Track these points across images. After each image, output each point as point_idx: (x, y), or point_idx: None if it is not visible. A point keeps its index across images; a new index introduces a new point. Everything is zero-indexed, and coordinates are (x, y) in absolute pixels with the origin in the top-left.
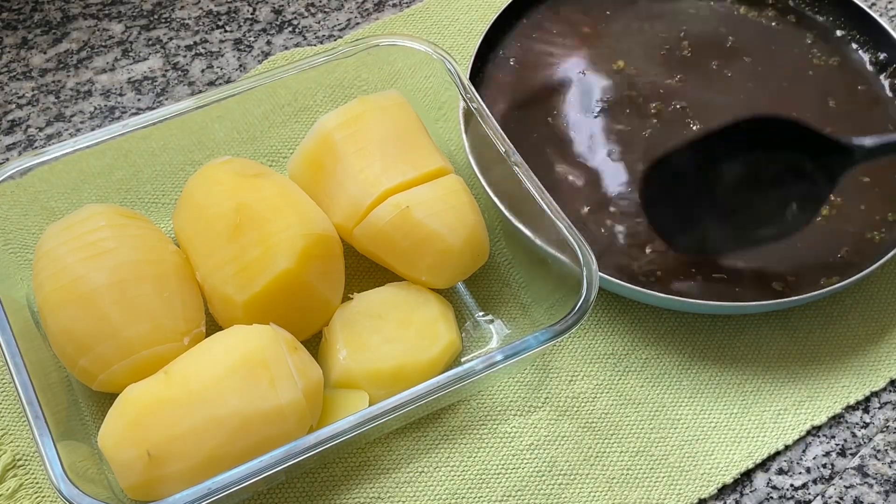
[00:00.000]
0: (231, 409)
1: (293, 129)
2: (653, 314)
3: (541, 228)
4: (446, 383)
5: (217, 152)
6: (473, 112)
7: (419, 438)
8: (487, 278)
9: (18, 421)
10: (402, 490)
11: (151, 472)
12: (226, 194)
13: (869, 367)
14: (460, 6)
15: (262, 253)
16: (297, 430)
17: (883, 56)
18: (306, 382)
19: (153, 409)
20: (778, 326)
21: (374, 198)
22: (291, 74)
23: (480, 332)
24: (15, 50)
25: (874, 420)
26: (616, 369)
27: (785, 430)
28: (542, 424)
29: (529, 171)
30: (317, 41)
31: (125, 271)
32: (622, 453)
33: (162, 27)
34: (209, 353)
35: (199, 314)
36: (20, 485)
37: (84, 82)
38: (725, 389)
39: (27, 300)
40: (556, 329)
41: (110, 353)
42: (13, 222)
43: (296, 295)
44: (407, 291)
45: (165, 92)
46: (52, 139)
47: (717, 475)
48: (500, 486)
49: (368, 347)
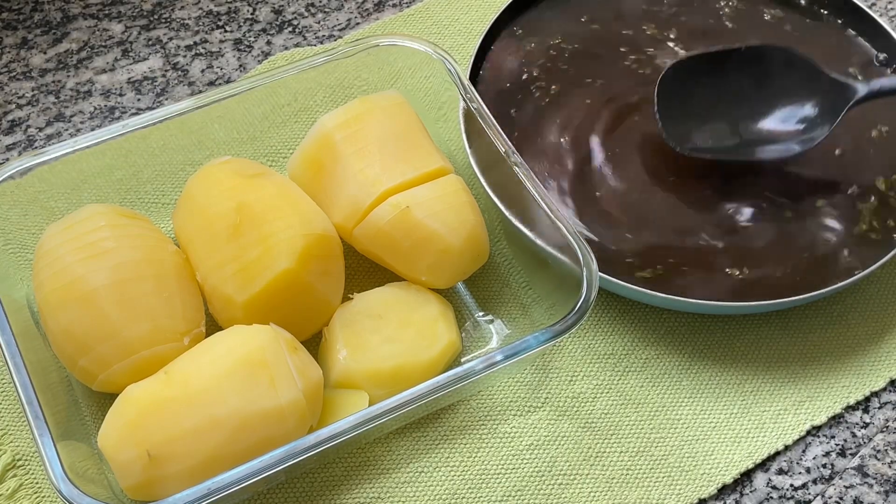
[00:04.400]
0: (231, 410)
1: (293, 129)
2: (653, 314)
3: (541, 228)
4: (446, 383)
5: (217, 152)
6: (473, 112)
7: (419, 438)
8: (487, 278)
9: (18, 421)
10: (402, 490)
11: (151, 473)
12: (226, 194)
13: (869, 367)
14: (460, 6)
15: (262, 253)
16: (297, 430)
17: (883, 56)
18: (306, 382)
19: (153, 409)
20: (778, 326)
21: (374, 198)
22: (291, 74)
23: (480, 332)
24: (15, 50)
25: (874, 420)
26: (616, 369)
27: (785, 430)
28: (542, 424)
29: (529, 171)
30: (317, 41)
31: (125, 271)
32: (622, 453)
33: (162, 27)
34: (209, 353)
35: (199, 314)
36: (20, 485)
37: (84, 82)
38: (725, 389)
39: (27, 300)
40: (556, 329)
41: (110, 353)
42: (13, 222)
43: (296, 295)
44: (407, 291)
45: (165, 92)
46: (52, 139)
47: (717, 475)
48: (500, 486)
49: (368, 347)
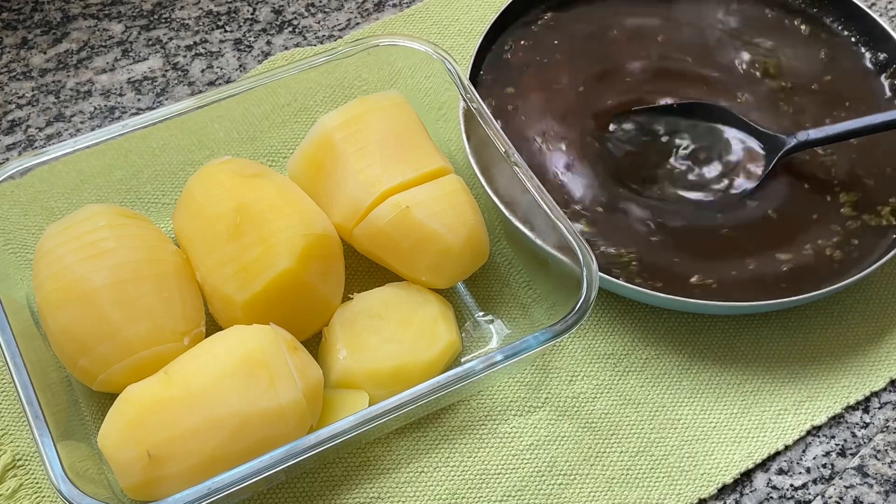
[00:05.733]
0: (231, 410)
1: (293, 129)
2: (653, 314)
3: (541, 228)
4: (446, 383)
5: (217, 152)
6: (473, 112)
7: (419, 438)
8: (487, 278)
9: (18, 421)
10: (402, 490)
11: (151, 473)
12: (226, 194)
13: (869, 367)
14: (460, 6)
15: (262, 253)
16: (297, 430)
17: (883, 56)
18: (306, 382)
19: (153, 409)
20: (778, 326)
21: (374, 198)
22: (291, 74)
23: (480, 332)
24: (15, 50)
25: (874, 420)
26: (616, 369)
27: (785, 430)
28: (542, 424)
29: (529, 171)
30: (317, 41)
31: (125, 271)
32: (622, 453)
33: (162, 27)
34: (209, 353)
35: (199, 314)
36: (20, 485)
37: (84, 82)
38: (725, 389)
39: (27, 300)
40: (556, 329)
41: (110, 353)
42: (13, 222)
43: (296, 295)
44: (407, 291)
45: (165, 92)
46: (52, 139)
47: (717, 475)
48: (500, 486)
49: (368, 347)
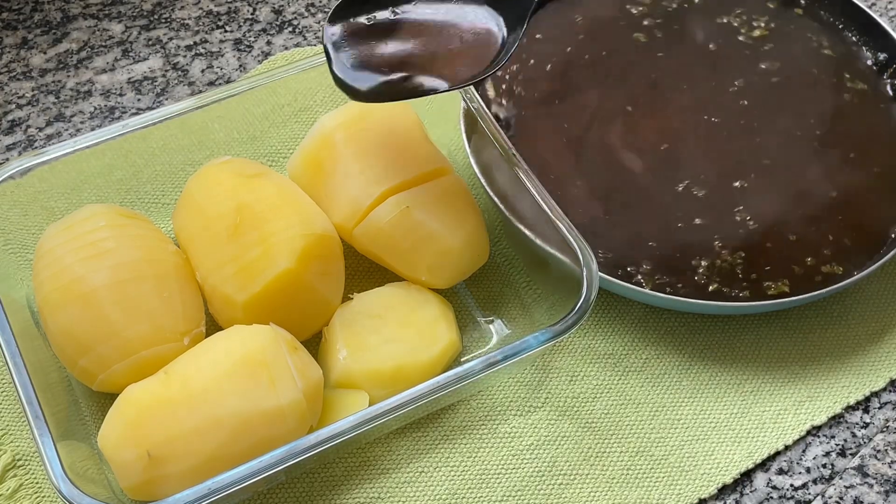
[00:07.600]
0: (231, 410)
1: (293, 129)
2: (653, 314)
3: (541, 229)
4: (446, 383)
5: (217, 152)
6: (473, 112)
7: (419, 438)
8: (488, 278)
9: (18, 421)
10: (402, 490)
11: (151, 473)
12: (226, 194)
13: (869, 367)
14: None
15: (262, 253)
16: (297, 430)
17: (883, 56)
18: (306, 382)
19: (153, 409)
20: (778, 326)
21: (374, 198)
22: (291, 74)
23: (480, 332)
24: (15, 50)
25: (874, 420)
26: (616, 369)
27: (785, 430)
28: (542, 424)
29: (529, 172)
30: (317, 41)
31: (125, 271)
32: (622, 453)
33: (162, 27)
34: (209, 353)
35: (199, 314)
36: (20, 485)
37: (84, 82)
38: (725, 389)
39: (27, 300)
40: (556, 329)
41: (110, 353)
42: (13, 222)
43: (296, 295)
44: (407, 291)
45: (165, 92)
46: (52, 139)
47: (717, 475)
48: (500, 486)
49: (368, 347)
